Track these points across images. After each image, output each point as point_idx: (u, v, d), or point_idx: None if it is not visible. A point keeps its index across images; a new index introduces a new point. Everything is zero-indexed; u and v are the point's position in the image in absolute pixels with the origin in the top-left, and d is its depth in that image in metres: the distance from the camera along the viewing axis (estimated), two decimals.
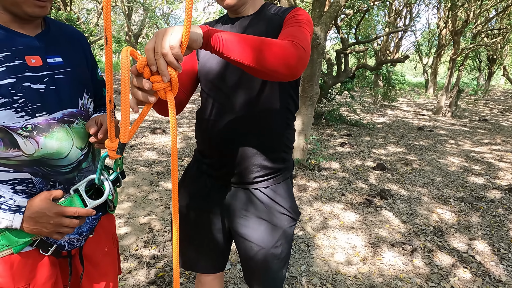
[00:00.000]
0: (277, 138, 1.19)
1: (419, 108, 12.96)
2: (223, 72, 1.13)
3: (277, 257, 1.23)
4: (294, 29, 1.00)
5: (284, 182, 1.24)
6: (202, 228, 1.30)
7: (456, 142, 7.06)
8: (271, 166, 1.19)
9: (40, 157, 0.92)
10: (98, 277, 1.16)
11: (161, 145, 5.47)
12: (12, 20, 0.89)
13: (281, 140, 1.20)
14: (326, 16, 4.02)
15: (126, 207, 3.26)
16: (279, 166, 1.21)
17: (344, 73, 7.30)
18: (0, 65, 0.85)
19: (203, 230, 1.30)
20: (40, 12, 0.88)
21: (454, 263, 2.59)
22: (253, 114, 1.13)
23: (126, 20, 13.25)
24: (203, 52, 1.18)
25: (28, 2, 0.85)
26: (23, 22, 0.91)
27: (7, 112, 0.86)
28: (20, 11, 0.87)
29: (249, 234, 1.21)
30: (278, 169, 1.21)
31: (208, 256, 1.34)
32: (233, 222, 1.24)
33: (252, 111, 1.13)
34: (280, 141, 1.20)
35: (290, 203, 1.25)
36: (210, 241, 1.30)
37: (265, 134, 1.16)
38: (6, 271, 0.94)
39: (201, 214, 1.28)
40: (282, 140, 1.20)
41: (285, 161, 1.23)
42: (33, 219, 0.89)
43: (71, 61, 1.00)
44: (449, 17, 12.20)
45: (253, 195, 1.21)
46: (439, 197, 3.95)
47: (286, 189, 1.25)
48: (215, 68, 1.14)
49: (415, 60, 23.31)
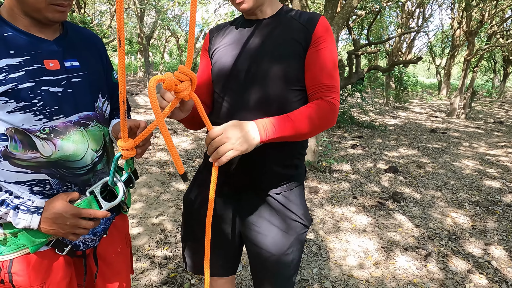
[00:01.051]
0: (291, 143, 1.15)
1: (432, 110, 12.77)
2: (235, 69, 1.11)
3: (288, 264, 1.21)
4: (328, 74, 1.06)
5: (296, 189, 1.22)
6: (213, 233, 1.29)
7: (470, 144, 6.93)
8: (284, 173, 1.17)
9: (57, 159, 0.94)
10: (111, 277, 1.18)
11: None
12: (32, 24, 0.90)
13: (295, 145, 1.17)
14: (338, 17, 4.00)
15: (139, 207, 3.29)
16: (292, 172, 1.19)
17: (356, 75, 7.24)
18: (20, 69, 0.86)
19: (214, 234, 1.28)
20: (60, 17, 0.90)
21: (469, 269, 2.53)
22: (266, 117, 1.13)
23: (138, 22, 13.40)
24: (216, 53, 1.17)
25: (49, 8, 0.87)
26: (42, 26, 0.92)
27: (26, 115, 0.87)
28: (41, 16, 0.88)
29: (260, 240, 1.19)
30: (291, 175, 1.19)
31: (220, 260, 1.33)
32: (245, 228, 1.22)
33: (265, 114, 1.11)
34: (294, 146, 1.17)
35: (303, 210, 1.22)
36: (222, 245, 1.29)
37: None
38: (23, 270, 0.96)
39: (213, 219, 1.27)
40: (295, 146, 1.17)
41: (297, 167, 1.21)
42: (51, 220, 0.91)
43: (88, 65, 1.02)
44: (463, 17, 12.00)
45: (265, 202, 1.19)
46: (454, 200, 3.87)
47: (299, 196, 1.22)
48: (227, 65, 1.13)
49: (428, 61, 22.97)
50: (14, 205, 0.88)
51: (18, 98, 0.86)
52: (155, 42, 20.84)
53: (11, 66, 0.85)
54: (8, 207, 0.88)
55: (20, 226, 0.89)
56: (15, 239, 0.94)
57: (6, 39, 0.87)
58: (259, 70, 1.08)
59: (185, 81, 0.81)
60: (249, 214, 1.21)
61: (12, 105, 0.86)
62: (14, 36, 0.88)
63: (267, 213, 1.19)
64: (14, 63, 0.86)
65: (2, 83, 0.84)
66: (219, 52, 1.17)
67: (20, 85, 0.86)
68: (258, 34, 1.11)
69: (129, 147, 0.90)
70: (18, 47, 0.87)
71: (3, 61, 0.85)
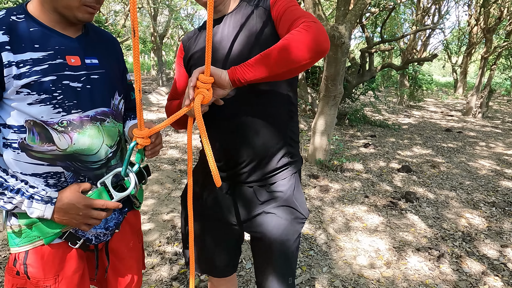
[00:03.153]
0: (281, 131, 1.15)
1: (447, 109, 12.51)
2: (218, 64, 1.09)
3: (285, 251, 1.20)
4: (291, 11, 1.00)
5: (291, 177, 1.20)
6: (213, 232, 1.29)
7: (487, 144, 6.76)
8: (277, 161, 1.16)
9: (73, 153, 0.96)
10: (123, 271, 1.19)
11: (184, 143, 5.56)
12: (58, 21, 0.94)
13: (285, 133, 1.17)
14: (351, 15, 3.95)
15: (150, 204, 3.33)
16: (286, 160, 1.18)
17: (369, 73, 7.15)
18: (44, 63, 0.89)
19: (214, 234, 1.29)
20: (88, 18, 0.94)
21: (484, 271, 2.47)
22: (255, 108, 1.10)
23: (151, 21, 13.52)
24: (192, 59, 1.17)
25: (81, 8, 0.91)
26: (67, 24, 0.96)
27: (46, 108, 0.90)
28: (71, 15, 0.92)
29: (259, 230, 1.19)
30: (285, 164, 1.18)
31: (221, 259, 1.33)
32: (243, 220, 1.22)
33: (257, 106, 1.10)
34: (285, 134, 1.16)
35: (299, 199, 1.21)
36: (222, 243, 1.29)
37: (268, 127, 1.12)
38: (37, 262, 0.98)
39: (211, 217, 1.27)
40: (286, 133, 1.17)
41: (292, 155, 1.20)
42: (63, 210, 0.93)
43: (106, 63, 1.05)
44: (481, 14, 11.70)
45: (260, 192, 1.18)
46: (468, 201, 3.79)
47: (293, 184, 1.21)
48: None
49: (444, 59, 22.48)
50: (29, 194, 0.91)
51: (40, 91, 0.89)
52: (168, 41, 21.00)
53: (35, 60, 0.89)
54: (23, 196, 0.90)
55: (34, 215, 0.92)
56: (29, 231, 0.96)
57: (32, 33, 0.90)
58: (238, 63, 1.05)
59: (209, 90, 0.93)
60: (246, 206, 1.20)
61: (33, 97, 0.89)
62: (40, 31, 0.91)
63: (262, 204, 1.18)
64: (38, 56, 0.89)
65: (25, 75, 0.87)
66: (194, 58, 1.16)
67: (43, 78, 0.89)
68: (227, 30, 1.09)
69: (145, 135, 0.96)
70: (43, 42, 0.91)
71: (27, 54, 0.88)
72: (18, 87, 0.87)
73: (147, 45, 19.44)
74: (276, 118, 1.13)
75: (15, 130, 0.91)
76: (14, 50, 0.86)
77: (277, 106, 1.13)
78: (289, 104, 1.17)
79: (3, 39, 0.85)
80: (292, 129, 1.20)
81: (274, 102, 1.13)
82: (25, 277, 0.99)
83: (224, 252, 1.32)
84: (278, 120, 1.14)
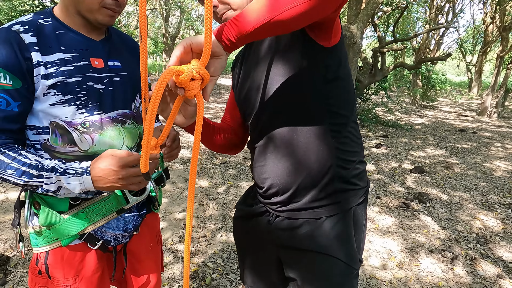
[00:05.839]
0: (324, 152, 0.93)
1: (462, 109, 12.29)
2: (246, 91, 1.02)
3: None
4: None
5: (341, 214, 0.97)
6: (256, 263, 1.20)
7: (503, 145, 6.62)
8: (320, 192, 0.95)
9: (94, 153, 0.98)
10: (142, 273, 1.20)
11: None
12: (82, 24, 0.97)
13: (331, 153, 0.93)
14: (363, 14, 3.93)
15: (163, 203, 3.38)
16: (333, 188, 0.95)
17: (381, 72, 7.08)
18: (70, 64, 0.92)
19: (258, 266, 1.19)
20: (109, 21, 0.96)
21: (499, 274, 2.43)
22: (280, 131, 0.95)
23: (163, 22, 13.68)
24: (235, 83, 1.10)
25: (101, 10, 0.93)
26: (91, 28, 0.99)
27: (70, 108, 0.93)
28: (92, 18, 0.94)
29: (291, 273, 1.04)
30: (332, 192, 0.95)
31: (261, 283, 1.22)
32: (279, 254, 1.09)
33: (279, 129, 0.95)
34: (330, 154, 0.93)
35: (347, 243, 0.97)
36: (266, 275, 1.18)
37: (307, 149, 0.93)
38: (58, 262, 1.01)
39: (254, 246, 1.17)
40: (332, 153, 0.94)
41: (345, 182, 0.96)
42: (102, 178, 0.88)
43: (128, 67, 1.07)
44: (496, 12, 11.46)
45: (300, 227, 0.99)
46: (483, 203, 3.72)
47: (343, 225, 0.97)
48: (242, 91, 1.04)
49: (458, 58, 22.10)
50: (62, 169, 0.88)
51: (65, 91, 0.91)
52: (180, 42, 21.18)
53: (62, 60, 0.91)
54: (57, 173, 0.88)
55: (77, 190, 0.88)
56: (48, 232, 0.98)
57: (58, 36, 0.93)
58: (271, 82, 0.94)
59: (197, 80, 0.72)
60: (283, 240, 1.04)
61: (58, 97, 0.91)
62: (65, 33, 0.94)
63: (298, 242, 1.00)
64: (65, 57, 0.92)
65: (53, 75, 0.90)
66: (237, 83, 1.09)
67: (68, 79, 0.91)
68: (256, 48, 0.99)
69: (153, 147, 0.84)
70: (69, 44, 0.94)
71: (55, 55, 0.91)
72: (46, 88, 0.89)
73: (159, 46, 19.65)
74: (306, 136, 0.93)
75: (39, 131, 0.93)
76: (42, 51, 0.89)
77: (307, 122, 0.93)
78: (329, 116, 0.93)
79: (32, 40, 0.88)
80: (341, 147, 0.95)
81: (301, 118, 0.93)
82: (46, 277, 1.01)
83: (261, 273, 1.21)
84: (318, 140, 0.93)
